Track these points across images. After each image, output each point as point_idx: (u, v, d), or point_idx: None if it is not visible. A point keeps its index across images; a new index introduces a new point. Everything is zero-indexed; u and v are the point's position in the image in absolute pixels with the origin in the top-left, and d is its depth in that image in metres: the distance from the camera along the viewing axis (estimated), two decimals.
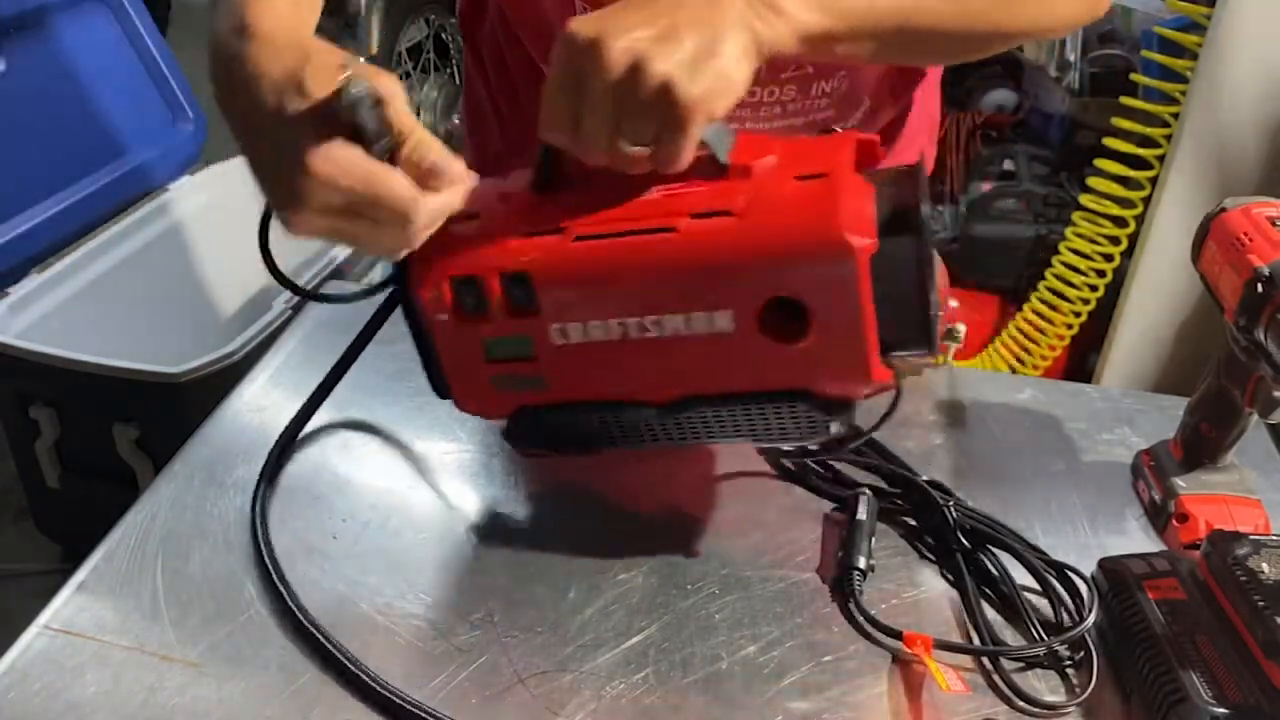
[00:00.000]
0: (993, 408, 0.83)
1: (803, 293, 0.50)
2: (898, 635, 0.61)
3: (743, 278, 0.50)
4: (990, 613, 0.64)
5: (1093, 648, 0.60)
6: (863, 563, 0.65)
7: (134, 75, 1.81)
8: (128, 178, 1.79)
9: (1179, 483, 0.71)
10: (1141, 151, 1.70)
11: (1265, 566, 0.57)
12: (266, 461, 0.72)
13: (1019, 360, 1.96)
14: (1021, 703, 0.58)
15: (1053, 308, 1.89)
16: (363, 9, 2.38)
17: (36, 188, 1.64)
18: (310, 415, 0.74)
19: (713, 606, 0.64)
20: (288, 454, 0.73)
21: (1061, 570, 0.65)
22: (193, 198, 1.89)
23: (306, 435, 0.76)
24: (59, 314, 1.61)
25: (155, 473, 0.73)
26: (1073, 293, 1.85)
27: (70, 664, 0.58)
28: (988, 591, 0.66)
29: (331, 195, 0.49)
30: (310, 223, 0.50)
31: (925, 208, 0.49)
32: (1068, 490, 0.75)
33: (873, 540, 0.67)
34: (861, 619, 0.63)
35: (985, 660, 0.61)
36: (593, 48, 0.49)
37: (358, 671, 0.58)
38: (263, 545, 0.65)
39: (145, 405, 1.47)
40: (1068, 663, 0.61)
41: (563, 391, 0.58)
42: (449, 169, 0.51)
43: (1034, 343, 1.93)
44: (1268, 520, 0.69)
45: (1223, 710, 0.53)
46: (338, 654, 0.58)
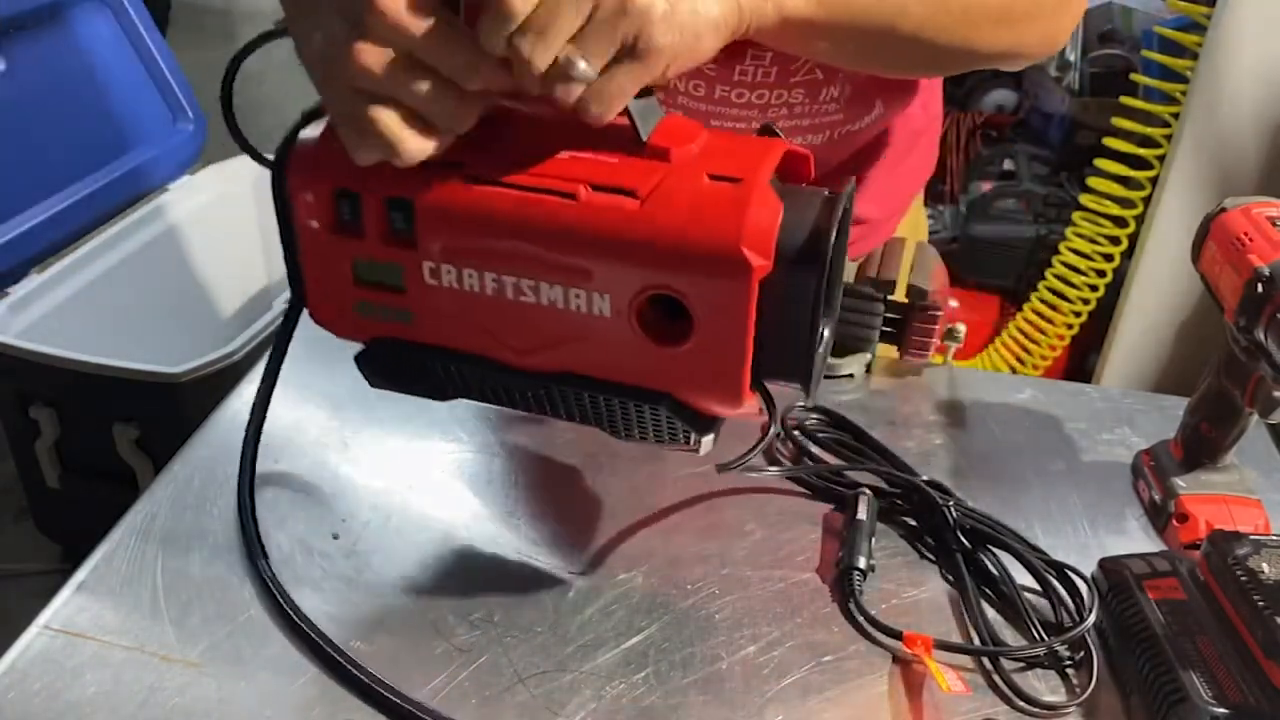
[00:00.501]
0: (993, 408, 0.83)
1: (687, 296, 0.47)
2: (898, 635, 0.61)
3: (629, 264, 0.48)
4: (990, 613, 0.64)
5: (1093, 648, 0.60)
6: (863, 563, 0.65)
7: (134, 75, 1.81)
8: (128, 178, 1.78)
9: (1179, 483, 0.71)
10: (1141, 151, 1.70)
11: (1265, 566, 0.57)
12: (241, 463, 0.70)
13: (1019, 360, 1.96)
14: (1021, 703, 0.58)
15: (1053, 308, 1.89)
16: None
17: (36, 188, 1.64)
18: (269, 397, 0.69)
19: (713, 606, 0.64)
20: (297, 448, 0.73)
21: (1061, 570, 0.65)
22: (193, 198, 1.89)
23: (306, 436, 0.76)
24: (59, 314, 1.61)
25: (155, 473, 0.73)
26: (1073, 293, 1.86)
27: (70, 664, 0.58)
28: (988, 591, 0.66)
29: (391, 30, 0.44)
30: (363, 62, 0.44)
31: (833, 239, 0.47)
32: (1068, 490, 0.75)
33: (873, 540, 0.67)
34: (861, 619, 0.63)
35: (985, 660, 0.61)
36: None
37: (358, 673, 0.58)
38: (258, 549, 0.65)
39: (145, 405, 1.47)
40: (1068, 663, 0.61)
41: (428, 333, 0.54)
42: (522, 48, 0.44)
43: (1034, 343, 1.94)
44: (1268, 520, 0.69)
45: (1223, 710, 0.53)
46: (337, 655, 0.59)
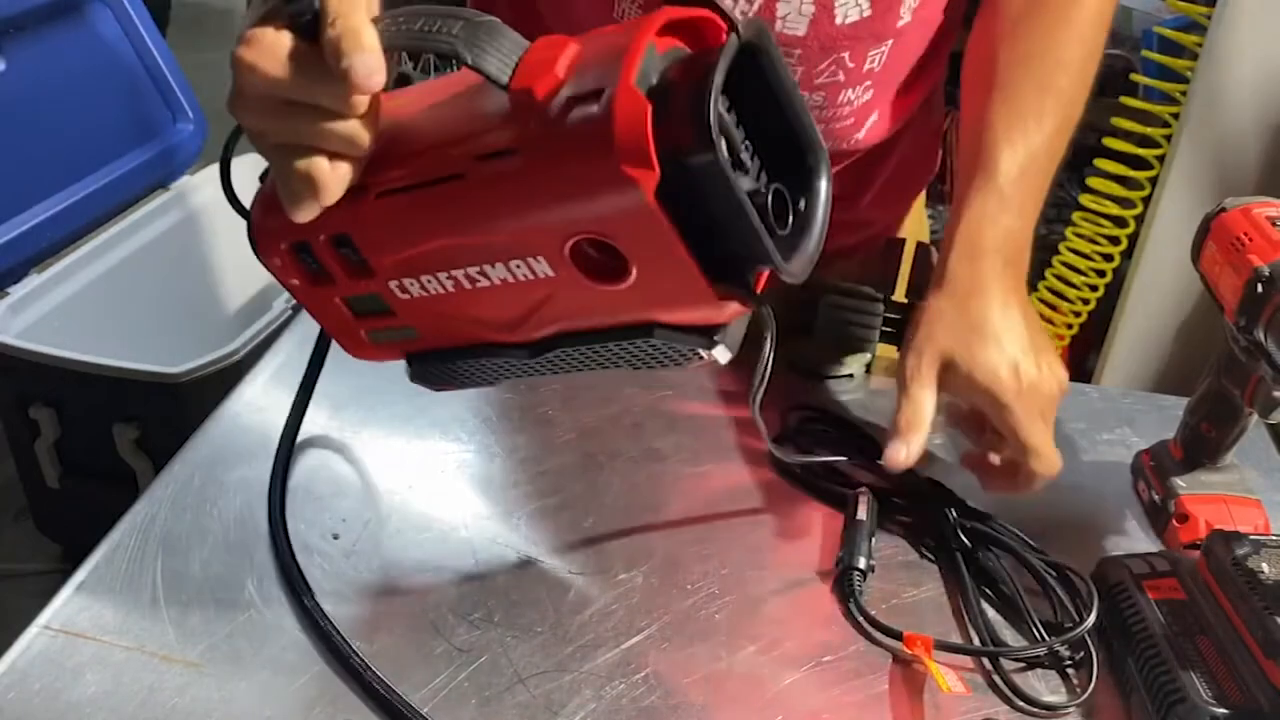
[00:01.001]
0: None
1: (603, 232, 0.45)
2: (898, 635, 0.61)
3: (534, 223, 0.46)
4: (990, 612, 0.64)
5: (1093, 648, 0.60)
6: (862, 563, 0.65)
7: (134, 75, 1.81)
8: (128, 178, 1.79)
9: (1179, 483, 0.71)
10: (1141, 151, 1.70)
11: (1265, 566, 0.57)
12: (275, 460, 0.71)
13: None
14: (1021, 703, 0.58)
15: (1053, 308, 1.89)
16: None
17: (36, 188, 1.64)
18: (309, 397, 0.72)
19: (713, 606, 0.64)
20: (297, 448, 0.73)
21: (1062, 570, 0.65)
22: (192, 198, 1.89)
23: (307, 436, 0.76)
24: (59, 314, 1.61)
25: (155, 473, 0.73)
26: (1073, 293, 1.85)
27: (70, 664, 0.58)
28: (988, 591, 0.66)
29: (258, 83, 0.44)
30: (251, 118, 0.46)
31: (711, 106, 0.41)
32: (1068, 490, 0.75)
33: (873, 540, 0.67)
34: (861, 619, 0.63)
35: (985, 660, 0.61)
36: None
37: (360, 672, 0.58)
38: (286, 549, 0.66)
39: (145, 405, 1.47)
40: (1068, 663, 0.61)
41: (433, 339, 0.56)
42: (354, 70, 0.43)
43: None
44: (1268, 520, 0.69)
45: (1223, 710, 0.53)
46: (339, 653, 0.59)
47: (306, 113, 0.45)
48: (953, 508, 0.69)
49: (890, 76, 0.77)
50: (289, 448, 0.72)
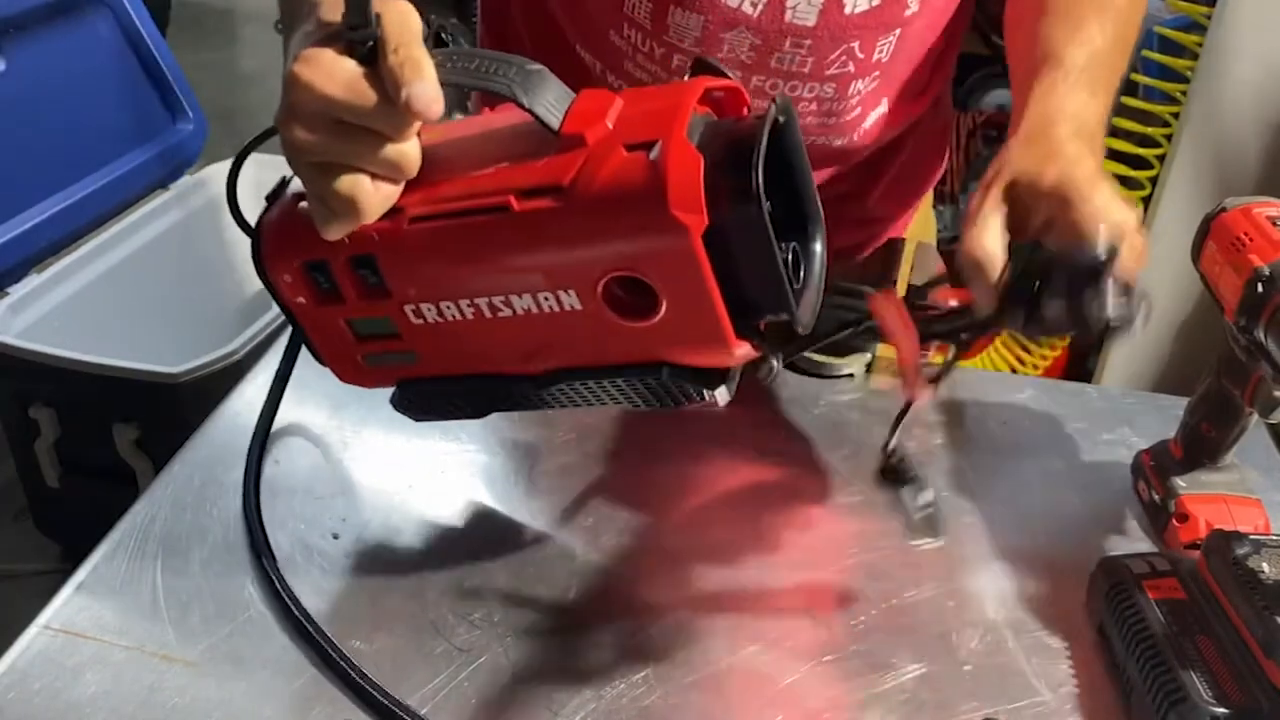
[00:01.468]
0: (993, 408, 0.83)
1: (641, 270, 0.48)
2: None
3: (575, 257, 0.48)
4: None
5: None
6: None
7: (134, 75, 1.81)
8: (128, 177, 1.79)
9: (1179, 483, 0.71)
10: (1141, 151, 1.70)
11: (1265, 566, 0.57)
12: (248, 462, 0.71)
13: (1019, 360, 1.96)
14: None
15: None
16: None
17: (36, 188, 1.64)
18: (278, 401, 0.74)
19: (713, 606, 0.64)
20: (268, 448, 0.73)
21: None
22: (192, 198, 1.89)
23: (307, 436, 0.76)
24: (59, 314, 1.61)
25: (155, 473, 0.73)
26: None
27: (70, 664, 0.58)
28: None
29: (314, 101, 0.46)
30: (300, 136, 0.47)
31: (758, 167, 0.46)
32: (1068, 490, 0.75)
33: None
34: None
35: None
36: None
37: (355, 675, 0.58)
38: (262, 549, 0.65)
39: (145, 405, 1.47)
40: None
41: (434, 366, 0.57)
42: (415, 99, 0.45)
43: (1034, 342, 1.93)
44: (1268, 520, 0.69)
45: (1223, 710, 0.53)
46: (336, 656, 0.59)
47: (358, 134, 0.47)
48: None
49: (897, 68, 0.76)
50: (260, 449, 0.73)
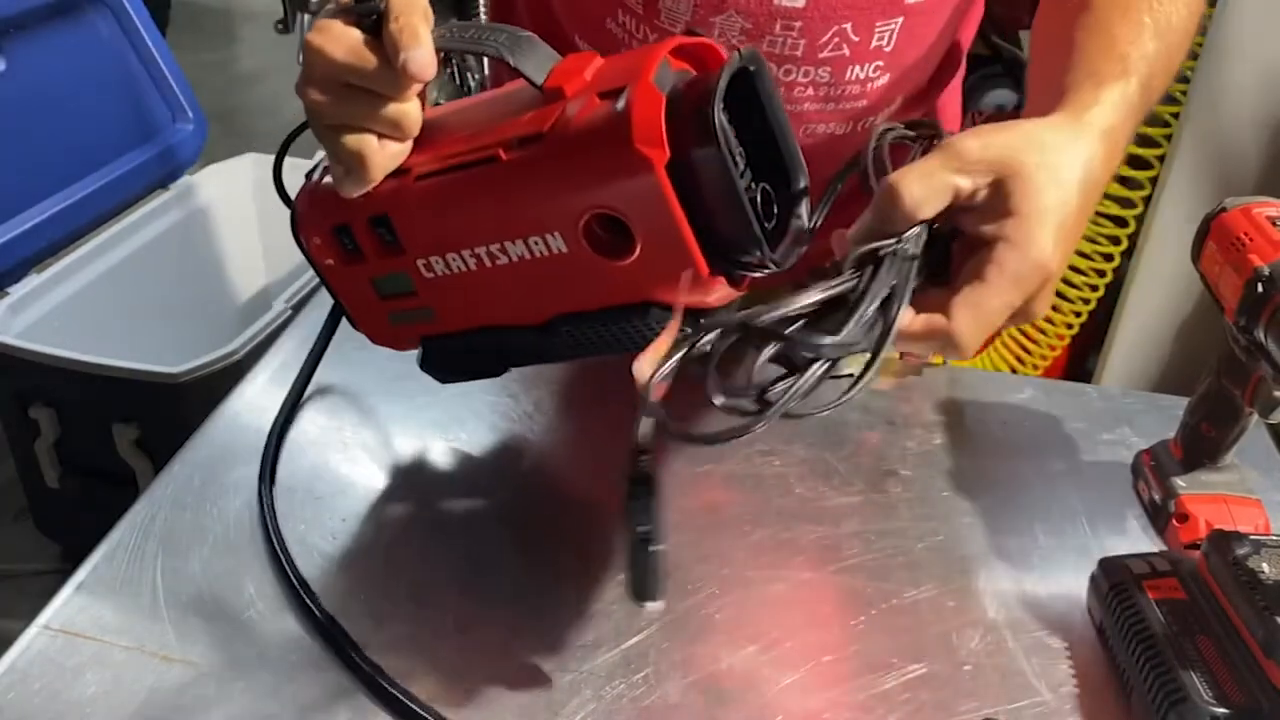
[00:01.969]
0: (993, 408, 0.83)
1: (615, 208, 0.51)
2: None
3: (556, 198, 0.52)
4: None
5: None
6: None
7: (134, 75, 1.81)
8: (128, 178, 1.79)
9: (1179, 483, 0.71)
10: (1141, 151, 1.70)
11: (1265, 566, 0.57)
12: (264, 458, 0.72)
13: (1019, 360, 1.96)
14: None
15: (1053, 308, 1.89)
16: None
17: (36, 188, 1.64)
18: (302, 394, 0.76)
19: (713, 606, 0.64)
20: (283, 444, 0.74)
21: None
22: (193, 198, 1.89)
23: (306, 436, 0.76)
24: (59, 314, 1.61)
25: (155, 473, 0.73)
26: (1073, 293, 1.85)
27: (70, 664, 0.58)
28: None
29: (324, 65, 0.52)
30: (313, 98, 0.53)
31: (717, 106, 0.49)
32: (1068, 490, 0.75)
33: None
34: None
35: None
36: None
37: (366, 670, 0.58)
38: (277, 545, 0.66)
39: (145, 405, 1.47)
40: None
41: (450, 321, 0.62)
42: (411, 61, 0.51)
43: (1034, 343, 1.93)
44: (1268, 520, 0.69)
45: (1223, 710, 0.53)
46: (341, 652, 0.59)
47: (363, 96, 0.52)
48: None
49: (904, 59, 0.76)
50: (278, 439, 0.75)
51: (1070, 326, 1.89)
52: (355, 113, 0.53)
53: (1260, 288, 0.60)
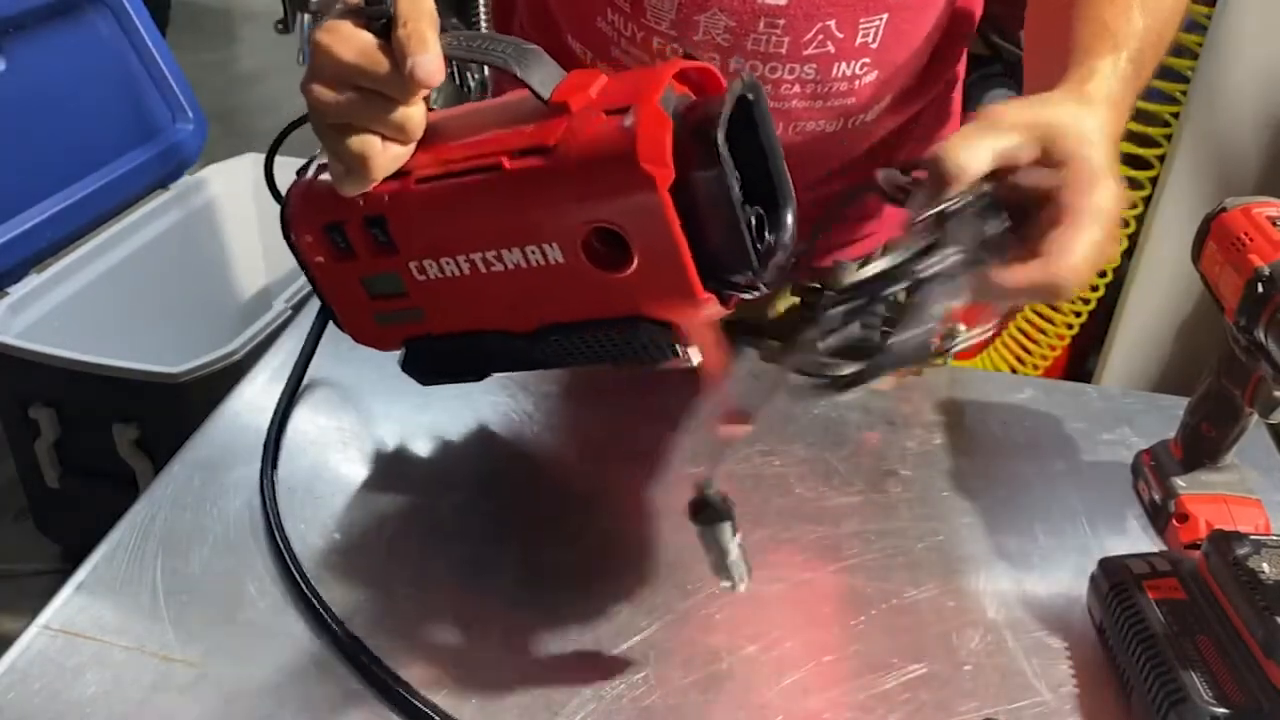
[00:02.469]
0: (993, 408, 0.83)
1: (616, 222, 0.52)
2: None
3: (557, 209, 0.53)
4: None
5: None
6: None
7: (134, 75, 1.81)
8: (128, 177, 1.79)
9: (1179, 483, 0.71)
10: (1141, 151, 1.70)
11: (1265, 566, 0.57)
12: (264, 457, 0.72)
13: (1019, 360, 1.96)
14: None
15: (1053, 308, 1.89)
16: None
17: (36, 188, 1.64)
18: (297, 389, 0.77)
19: (713, 606, 0.64)
20: (297, 449, 0.74)
21: None
22: (192, 198, 1.89)
23: (306, 435, 0.76)
24: (59, 314, 1.61)
25: (155, 473, 0.73)
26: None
27: (70, 664, 0.58)
28: None
29: (332, 65, 0.52)
30: (320, 96, 0.53)
31: (720, 130, 0.50)
32: (1068, 490, 0.75)
33: None
34: None
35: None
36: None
37: (368, 669, 0.58)
38: (280, 542, 0.66)
39: (145, 405, 1.47)
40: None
41: (438, 323, 0.62)
42: (419, 67, 0.51)
43: (1034, 343, 1.93)
44: (1268, 520, 0.69)
45: (1223, 710, 0.53)
46: (357, 648, 0.59)
47: (370, 97, 0.53)
48: None
49: (892, 56, 0.76)
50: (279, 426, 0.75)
51: (1070, 326, 1.89)
52: (361, 114, 0.53)
53: (1260, 288, 0.60)
